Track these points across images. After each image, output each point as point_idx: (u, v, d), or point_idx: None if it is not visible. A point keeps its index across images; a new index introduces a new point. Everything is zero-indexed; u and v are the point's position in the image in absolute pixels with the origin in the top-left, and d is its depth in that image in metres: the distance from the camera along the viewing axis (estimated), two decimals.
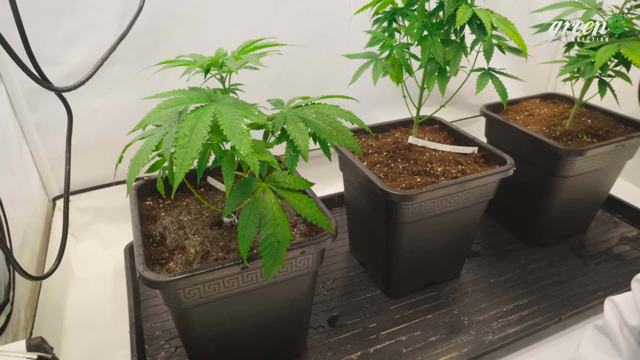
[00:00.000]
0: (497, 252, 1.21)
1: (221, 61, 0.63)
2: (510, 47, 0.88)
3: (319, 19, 1.22)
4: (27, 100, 1.02)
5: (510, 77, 0.90)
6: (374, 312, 1.01)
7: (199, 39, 1.12)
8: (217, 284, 0.68)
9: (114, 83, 1.09)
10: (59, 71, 1.03)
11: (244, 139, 0.56)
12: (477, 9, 0.82)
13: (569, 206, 1.16)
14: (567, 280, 1.11)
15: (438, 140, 1.11)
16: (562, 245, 1.23)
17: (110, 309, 1.03)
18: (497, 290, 1.08)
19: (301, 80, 1.29)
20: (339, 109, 0.71)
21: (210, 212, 0.83)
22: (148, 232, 0.78)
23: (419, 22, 0.85)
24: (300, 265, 0.73)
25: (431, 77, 0.88)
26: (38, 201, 1.07)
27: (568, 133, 1.14)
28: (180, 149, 0.56)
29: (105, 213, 1.22)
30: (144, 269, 0.65)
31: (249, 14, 1.14)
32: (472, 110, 1.65)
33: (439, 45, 0.85)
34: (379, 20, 0.94)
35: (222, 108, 0.60)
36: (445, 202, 0.90)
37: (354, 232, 1.18)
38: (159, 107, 0.62)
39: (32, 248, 0.95)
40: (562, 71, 0.99)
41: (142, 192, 0.87)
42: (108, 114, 1.12)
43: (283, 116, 0.67)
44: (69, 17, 0.99)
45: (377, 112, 1.43)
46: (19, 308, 0.77)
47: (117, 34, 1.01)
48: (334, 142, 0.67)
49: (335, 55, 1.29)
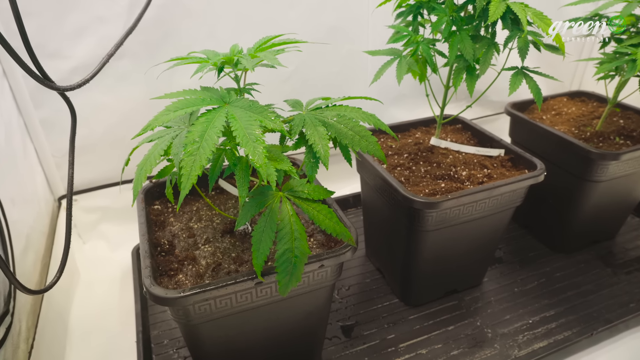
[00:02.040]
0: (520, 259, 1.15)
1: (236, 59, 0.58)
2: (547, 45, 0.81)
3: (336, 11, 1.16)
4: (32, 96, 0.98)
5: (545, 76, 0.84)
6: (392, 322, 0.96)
7: (210, 31, 1.07)
8: (229, 299, 0.64)
9: (122, 78, 1.05)
10: (65, 65, 0.98)
11: (258, 148, 0.51)
12: (511, 3, 0.76)
13: (598, 212, 1.09)
14: (596, 290, 1.05)
15: (461, 141, 1.05)
16: (589, 252, 1.17)
17: (116, 314, 0.99)
18: (521, 300, 1.02)
19: (317, 76, 1.23)
20: (361, 111, 0.65)
21: (221, 217, 0.78)
22: (156, 240, 0.73)
23: (448, 17, 0.78)
24: (318, 278, 0.68)
25: (459, 75, 0.82)
26: (43, 201, 1.03)
27: (599, 134, 1.07)
28: (189, 156, 0.52)
29: (112, 213, 1.18)
30: (151, 284, 0.60)
31: (263, 6, 1.08)
32: (492, 108, 1.58)
33: (469, 41, 0.79)
34: (402, 14, 0.88)
35: (236, 111, 0.55)
36: (472, 209, 0.85)
37: (370, 237, 1.12)
38: (167, 109, 0.57)
39: (36, 251, 0.91)
40: (598, 69, 0.92)
41: (149, 195, 0.83)
42: (115, 110, 1.08)
43: (302, 119, 0.62)
44: (76, 9, 0.94)
45: (395, 109, 1.37)
46: (19, 318, 0.73)
47: (125, 27, 0.96)
48: (356, 147, 0.62)
49: (353, 50, 1.22)
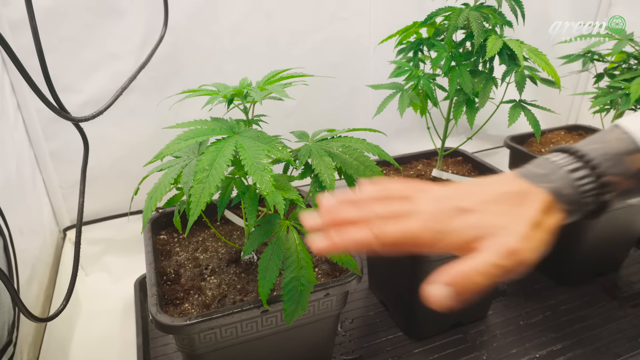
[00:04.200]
0: (524, 291, 1.14)
1: (245, 91, 0.61)
2: (543, 79, 0.85)
3: (339, 49, 1.21)
4: (43, 128, 1.00)
5: (542, 109, 0.86)
6: (397, 356, 0.95)
7: (218, 67, 1.11)
8: (234, 328, 0.63)
9: (131, 111, 1.07)
10: (76, 99, 1.01)
11: (266, 176, 0.53)
12: (507, 40, 0.79)
13: (601, 243, 1.10)
14: (602, 324, 1.03)
15: (463, 172, 1.06)
16: (594, 284, 1.16)
17: (118, 346, 0.97)
18: (527, 334, 1.01)
19: (320, 110, 1.26)
20: (366, 142, 0.67)
21: (227, 248, 0.79)
22: (162, 269, 0.73)
23: (447, 53, 0.82)
24: (323, 307, 0.68)
25: (459, 108, 0.85)
26: (48, 231, 1.04)
27: None
28: (198, 184, 0.53)
29: (116, 244, 1.18)
30: (158, 312, 0.60)
31: (269, 43, 1.13)
32: (492, 142, 1.61)
33: (468, 76, 0.82)
34: (403, 50, 0.92)
35: (245, 141, 0.57)
36: None
37: (373, 269, 1.12)
38: (179, 138, 0.59)
39: (40, 282, 0.91)
40: (594, 103, 0.95)
41: (156, 225, 0.84)
42: (124, 142, 1.10)
43: (308, 149, 0.64)
44: (90, 45, 0.98)
45: (396, 142, 1.39)
46: (22, 349, 0.73)
47: (136, 63, 0.99)
48: (361, 177, 0.63)
49: (355, 85, 1.26)
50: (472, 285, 0.34)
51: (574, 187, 0.40)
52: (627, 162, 0.40)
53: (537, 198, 0.39)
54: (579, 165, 0.41)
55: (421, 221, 0.37)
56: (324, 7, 1.14)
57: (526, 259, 0.37)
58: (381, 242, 0.37)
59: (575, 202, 0.40)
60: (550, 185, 0.40)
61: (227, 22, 1.06)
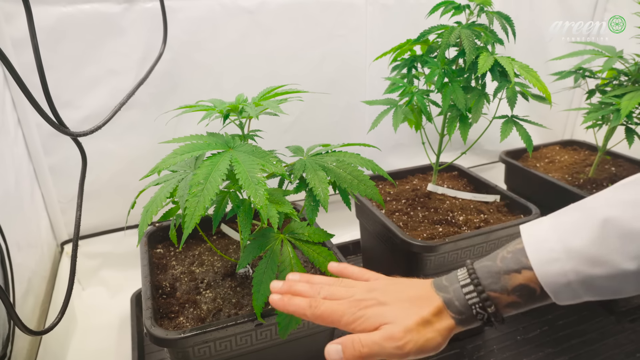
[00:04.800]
0: None
1: (241, 107, 0.62)
2: (534, 95, 0.86)
3: (335, 65, 1.23)
4: (43, 143, 1.02)
5: (534, 124, 0.88)
6: None
7: (216, 83, 1.13)
8: (228, 342, 0.63)
9: (129, 127, 1.09)
10: (76, 115, 1.03)
11: (260, 190, 0.54)
12: (498, 57, 0.81)
13: None
14: (600, 339, 1.03)
15: (458, 187, 1.07)
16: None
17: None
18: (525, 349, 1.00)
19: (317, 126, 1.27)
20: (360, 157, 0.68)
21: (222, 262, 0.79)
22: (157, 283, 0.74)
23: (440, 70, 0.84)
24: None
25: (452, 123, 0.86)
26: (46, 245, 1.04)
27: (592, 181, 1.10)
28: (193, 197, 0.54)
29: (113, 258, 1.19)
30: (152, 325, 0.60)
31: (266, 60, 1.15)
32: (488, 157, 1.62)
33: (460, 92, 0.83)
34: (397, 67, 0.93)
35: (240, 156, 0.58)
36: (469, 253, 0.86)
37: None
38: (175, 152, 0.60)
39: (36, 296, 0.91)
40: (586, 118, 0.97)
41: (152, 239, 0.84)
42: (122, 157, 1.11)
43: (302, 164, 0.65)
44: (90, 62, 1.00)
45: (392, 158, 1.40)
46: None
47: (135, 79, 1.01)
48: (355, 191, 0.64)
49: (351, 101, 1.28)
50: (356, 352, 0.44)
51: (464, 300, 0.47)
52: (505, 280, 0.46)
53: (433, 304, 0.48)
54: (468, 281, 0.48)
55: (346, 306, 0.48)
56: (322, 24, 1.16)
57: (406, 348, 0.44)
58: (312, 313, 0.48)
59: (465, 312, 0.47)
60: (445, 295, 0.48)
61: (226, 40, 1.08)
